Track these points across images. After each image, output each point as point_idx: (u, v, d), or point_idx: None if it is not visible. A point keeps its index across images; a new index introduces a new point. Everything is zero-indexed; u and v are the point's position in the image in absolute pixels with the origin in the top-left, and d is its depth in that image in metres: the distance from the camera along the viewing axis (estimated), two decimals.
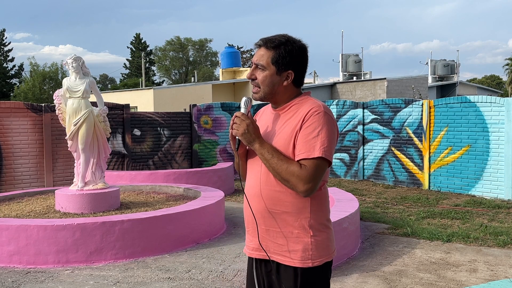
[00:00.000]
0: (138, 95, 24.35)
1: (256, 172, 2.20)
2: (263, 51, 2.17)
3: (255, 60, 2.19)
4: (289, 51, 2.15)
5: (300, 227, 2.12)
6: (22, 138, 10.02)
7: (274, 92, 2.19)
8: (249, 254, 2.28)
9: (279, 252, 2.15)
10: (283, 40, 2.16)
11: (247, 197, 2.21)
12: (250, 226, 2.24)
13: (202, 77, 54.67)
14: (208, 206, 6.57)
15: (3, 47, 48.97)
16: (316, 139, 2.06)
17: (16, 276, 5.11)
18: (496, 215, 8.00)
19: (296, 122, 2.12)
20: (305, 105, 2.16)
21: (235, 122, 2.15)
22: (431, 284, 4.82)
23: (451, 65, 33.86)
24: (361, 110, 12.35)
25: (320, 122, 2.08)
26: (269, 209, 2.14)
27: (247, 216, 2.25)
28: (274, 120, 2.23)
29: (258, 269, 2.26)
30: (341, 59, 31.06)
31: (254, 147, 2.14)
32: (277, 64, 2.15)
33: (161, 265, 5.45)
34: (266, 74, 2.16)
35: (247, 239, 2.29)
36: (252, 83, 2.22)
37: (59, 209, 6.78)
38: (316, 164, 2.04)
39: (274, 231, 2.15)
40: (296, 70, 2.19)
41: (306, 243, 2.12)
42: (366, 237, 6.64)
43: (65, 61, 7.05)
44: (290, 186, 2.07)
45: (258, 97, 2.21)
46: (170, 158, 12.64)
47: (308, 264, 2.12)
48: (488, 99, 9.87)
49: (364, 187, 11.26)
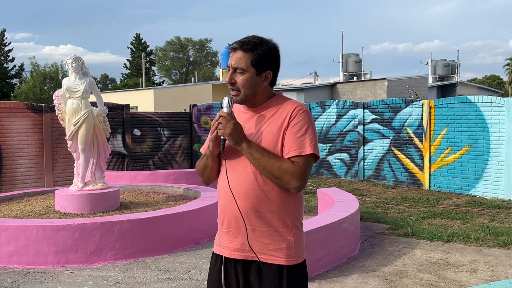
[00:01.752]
0: (138, 95, 24.36)
1: (239, 172, 2.17)
2: (240, 54, 2.17)
3: (233, 64, 2.18)
4: (265, 52, 2.17)
5: (284, 225, 2.16)
6: (22, 138, 10.02)
7: (254, 94, 2.20)
8: (229, 255, 2.23)
9: (264, 251, 2.15)
10: (257, 42, 2.17)
11: (232, 197, 2.16)
12: (232, 226, 2.20)
13: (202, 77, 54.69)
14: (208, 207, 6.57)
15: (3, 47, 48.96)
16: (304, 137, 2.12)
17: (16, 277, 5.10)
18: (496, 215, 7.99)
19: (281, 120, 2.15)
20: (286, 104, 2.20)
21: (220, 122, 2.13)
22: (431, 284, 4.81)
23: (452, 65, 33.88)
24: (361, 110, 12.33)
25: (305, 120, 2.14)
26: (255, 208, 2.14)
27: (229, 216, 2.20)
28: (250, 120, 2.23)
29: (230, 269, 2.23)
30: (342, 59, 31.06)
31: (241, 147, 2.13)
32: (256, 65, 2.16)
33: (160, 266, 5.44)
34: (247, 76, 2.17)
35: (225, 239, 2.24)
36: (231, 87, 2.21)
37: (59, 210, 6.77)
38: (307, 161, 2.11)
39: (260, 230, 2.15)
40: (273, 70, 2.22)
41: (289, 241, 2.16)
42: (366, 238, 6.63)
43: (64, 61, 7.05)
44: (282, 183, 2.10)
45: (238, 100, 2.21)
46: (170, 158, 12.63)
47: (293, 262, 2.16)
48: (488, 99, 9.86)
49: (364, 187, 11.25)
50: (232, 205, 2.16)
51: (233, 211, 2.17)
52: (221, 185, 2.25)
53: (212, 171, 2.30)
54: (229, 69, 2.21)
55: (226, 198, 2.19)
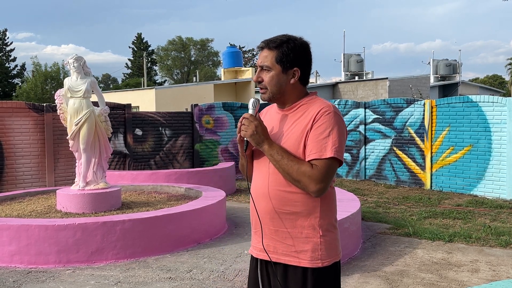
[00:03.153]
0: (140, 95, 24.37)
1: (264, 172, 2.18)
2: (266, 52, 2.18)
3: (259, 62, 2.19)
4: (291, 49, 2.15)
5: (309, 227, 2.12)
6: (23, 138, 10.03)
7: (282, 92, 2.18)
8: (256, 255, 2.25)
9: (288, 253, 2.13)
10: (284, 39, 2.17)
11: (253, 198, 2.20)
12: (258, 227, 2.21)
13: (204, 76, 54.66)
14: (210, 206, 6.57)
15: (5, 47, 49.04)
16: (327, 139, 2.06)
17: (17, 276, 5.11)
18: (498, 215, 7.98)
19: (306, 122, 2.12)
20: (314, 105, 2.16)
21: (243, 123, 2.14)
22: (432, 284, 4.81)
23: (453, 65, 33.83)
24: (362, 110, 12.32)
25: (330, 122, 2.08)
26: (277, 210, 2.13)
27: (254, 217, 2.23)
28: (281, 120, 2.21)
29: (263, 270, 2.24)
30: (343, 58, 31.04)
31: (263, 148, 2.13)
32: (281, 62, 2.15)
33: (162, 265, 5.45)
34: (272, 74, 2.17)
35: (254, 240, 2.26)
36: (259, 86, 2.22)
37: (61, 209, 6.78)
38: (327, 164, 2.06)
39: (283, 232, 2.14)
40: (301, 67, 2.18)
41: (315, 243, 2.11)
42: (367, 237, 6.62)
43: (66, 61, 7.04)
44: (301, 186, 2.07)
45: (266, 97, 2.21)
46: (172, 158, 12.63)
47: (318, 264, 2.11)
48: (490, 99, 9.84)
49: (365, 187, 11.24)
50: (256, 206, 2.18)
51: (256, 212, 2.19)
52: (251, 184, 2.28)
53: (250, 170, 2.33)
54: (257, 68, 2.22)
55: (252, 199, 2.22)
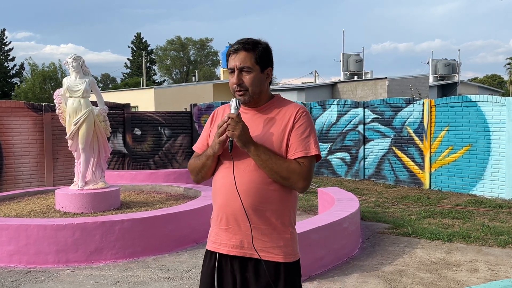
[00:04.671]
0: (139, 94, 24.37)
1: (242, 170, 2.19)
2: (244, 54, 2.21)
3: (238, 64, 2.20)
4: (264, 49, 2.24)
5: (281, 224, 2.21)
6: (22, 137, 10.02)
7: (260, 92, 2.26)
8: (226, 252, 2.24)
9: (263, 249, 2.18)
10: (256, 41, 2.25)
11: (227, 196, 2.19)
12: (232, 224, 2.21)
13: (203, 76, 54.65)
14: (209, 206, 6.55)
15: (4, 46, 48.98)
16: (309, 138, 2.20)
17: (16, 276, 5.11)
18: (497, 214, 7.99)
19: (285, 122, 2.21)
20: (289, 105, 2.27)
21: (229, 123, 2.14)
22: (431, 284, 4.81)
23: (452, 65, 33.87)
24: (362, 110, 12.33)
25: (308, 122, 2.23)
26: (255, 207, 2.17)
27: (228, 214, 2.21)
28: (250, 120, 2.24)
29: (225, 266, 2.25)
30: (342, 58, 31.04)
31: (249, 149, 2.15)
32: (260, 63, 2.22)
33: (161, 265, 5.45)
34: (254, 75, 2.22)
35: (223, 236, 2.25)
36: (239, 88, 2.22)
37: (59, 209, 6.77)
38: (312, 161, 2.19)
39: (259, 228, 2.18)
40: (272, 67, 2.29)
41: (286, 239, 2.22)
42: (366, 237, 6.62)
43: (65, 60, 7.04)
44: (289, 183, 2.16)
45: (246, 99, 2.24)
46: (171, 158, 12.63)
47: (290, 259, 2.21)
48: (489, 99, 9.85)
49: (364, 187, 11.24)
50: (233, 202, 2.17)
51: (233, 209, 2.19)
52: (219, 183, 2.26)
53: (209, 171, 2.31)
54: (232, 71, 2.22)
55: (227, 196, 2.20)
